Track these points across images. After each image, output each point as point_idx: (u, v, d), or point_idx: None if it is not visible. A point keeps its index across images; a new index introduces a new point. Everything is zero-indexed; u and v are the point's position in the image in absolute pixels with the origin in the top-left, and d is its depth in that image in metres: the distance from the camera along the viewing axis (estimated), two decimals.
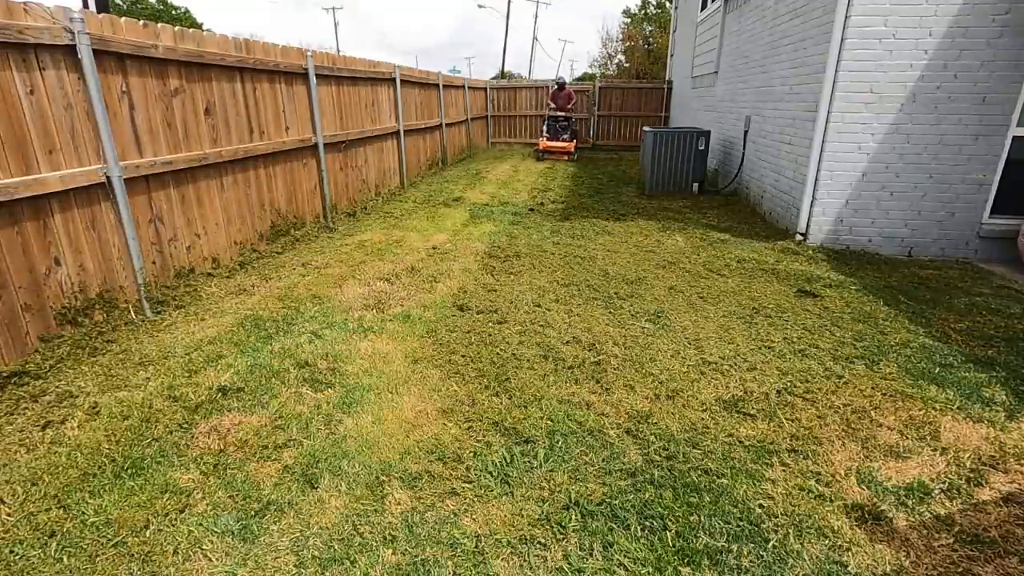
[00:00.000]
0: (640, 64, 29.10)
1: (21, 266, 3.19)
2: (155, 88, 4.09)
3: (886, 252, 5.68)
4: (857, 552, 1.96)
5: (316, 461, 2.42)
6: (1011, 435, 2.62)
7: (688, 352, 3.44)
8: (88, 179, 3.51)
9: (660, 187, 8.89)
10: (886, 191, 5.59)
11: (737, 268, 5.12)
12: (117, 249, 3.80)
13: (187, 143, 4.42)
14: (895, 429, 2.67)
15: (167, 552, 1.95)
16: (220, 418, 2.71)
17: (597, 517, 2.11)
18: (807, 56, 5.91)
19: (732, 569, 1.89)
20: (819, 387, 3.05)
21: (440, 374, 3.17)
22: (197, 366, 3.20)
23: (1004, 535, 2.04)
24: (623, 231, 6.49)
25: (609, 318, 3.93)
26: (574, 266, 5.12)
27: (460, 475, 2.35)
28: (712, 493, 2.24)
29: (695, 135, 8.58)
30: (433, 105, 11.15)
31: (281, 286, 4.54)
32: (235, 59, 4.90)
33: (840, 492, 2.25)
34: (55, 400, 2.85)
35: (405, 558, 1.93)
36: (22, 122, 3.16)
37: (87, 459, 2.40)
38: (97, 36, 3.52)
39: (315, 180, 6.48)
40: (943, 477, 2.34)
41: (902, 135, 5.40)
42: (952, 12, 5.03)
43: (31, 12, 3.16)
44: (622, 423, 2.71)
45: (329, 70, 6.64)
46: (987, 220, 5.49)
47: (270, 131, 5.55)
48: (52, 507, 2.13)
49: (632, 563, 1.91)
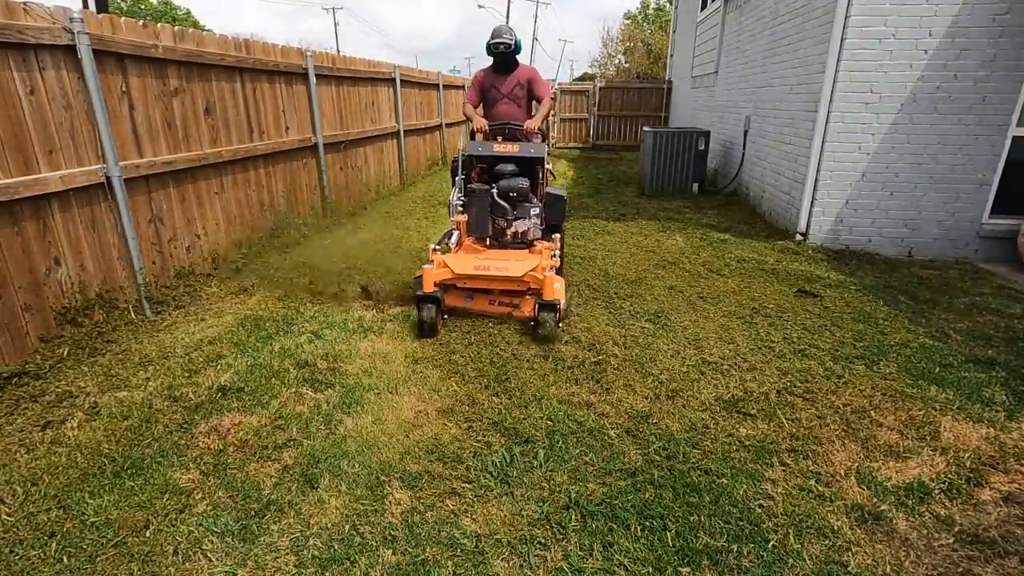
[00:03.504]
0: (640, 64, 29.10)
1: (21, 266, 3.18)
2: (155, 88, 4.09)
3: (886, 252, 5.68)
4: (857, 552, 1.96)
5: (316, 461, 2.42)
6: (1011, 435, 2.62)
7: (688, 352, 3.44)
8: (88, 179, 3.51)
9: (660, 187, 8.89)
10: (886, 191, 5.58)
11: (737, 268, 5.12)
12: (117, 249, 3.80)
13: (187, 143, 4.42)
14: (895, 429, 2.67)
15: (167, 552, 1.95)
16: (220, 418, 2.71)
17: (597, 517, 2.11)
18: (807, 56, 5.91)
19: (732, 569, 1.89)
20: (819, 387, 3.05)
21: (440, 374, 3.17)
22: (197, 366, 3.20)
23: (1004, 535, 2.04)
24: (623, 231, 6.49)
25: (609, 318, 3.93)
26: (574, 266, 5.11)
27: (460, 475, 2.35)
28: (712, 493, 2.24)
29: (695, 135, 8.58)
30: (433, 105, 11.15)
31: (281, 286, 4.54)
32: (235, 59, 4.89)
33: (840, 492, 2.25)
34: (55, 400, 2.85)
35: (405, 558, 1.93)
36: (22, 122, 3.16)
37: (87, 459, 2.40)
38: (97, 36, 3.51)
39: (315, 180, 6.48)
40: (943, 477, 2.34)
41: (902, 135, 5.40)
42: (952, 12, 5.03)
43: (31, 12, 3.16)
44: (622, 423, 2.71)
45: (329, 70, 6.64)
46: (987, 220, 5.49)
47: (270, 131, 5.55)
48: (52, 507, 2.13)
49: (632, 563, 1.91)
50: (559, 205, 4.26)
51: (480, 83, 4.49)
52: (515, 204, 4.13)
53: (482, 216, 4.08)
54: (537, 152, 4.11)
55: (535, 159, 4.22)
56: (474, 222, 4.10)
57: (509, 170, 4.13)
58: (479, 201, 4.06)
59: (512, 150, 4.08)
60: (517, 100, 4.40)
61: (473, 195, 4.06)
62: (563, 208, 4.29)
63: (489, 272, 3.62)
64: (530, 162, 4.25)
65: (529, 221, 4.16)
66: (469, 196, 4.08)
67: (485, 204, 4.08)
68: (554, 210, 4.26)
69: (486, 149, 4.12)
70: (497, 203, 4.08)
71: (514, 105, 4.40)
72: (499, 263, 3.68)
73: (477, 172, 4.44)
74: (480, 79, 4.50)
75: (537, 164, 4.29)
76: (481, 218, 4.09)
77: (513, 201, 4.11)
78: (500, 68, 4.41)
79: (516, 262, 3.70)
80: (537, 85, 4.40)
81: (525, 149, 4.09)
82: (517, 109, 4.40)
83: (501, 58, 4.34)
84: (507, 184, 4.06)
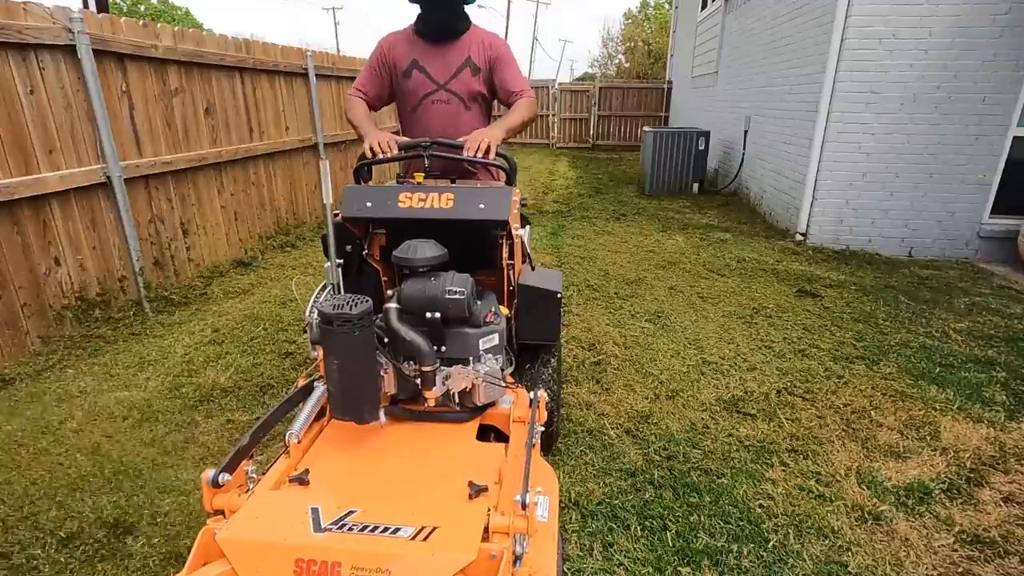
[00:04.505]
0: (640, 64, 29.12)
1: (21, 266, 3.19)
2: (155, 88, 4.09)
3: (886, 252, 5.68)
4: (857, 552, 1.96)
5: None
6: (1011, 435, 2.62)
7: (688, 352, 3.44)
8: (88, 179, 3.51)
9: (660, 187, 8.88)
10: (886, 191, 5.58)
11: (737, 268, 5.12)
12: (117, 249, 3.80)
13: (187, 143, 4.42)
14: (895, 429, 2.67)
15: (167, 552, 1.95)
16: (220, 418, 2.71)
17: (597, 517, 2.11)
18: (807, 56, 5.91)
19: (732, 569, 1.89)
20: (819, 387, 3.05)
21: None
22: (197, 366, 3.20)
23: (1004, 535, 2.04)
24: (623, 231, 6.49)
25: (609, 318, 3.93)
26: (574, 266, 5.11)
27: None
28: (712, 493, 2.24)
29: (695, 135, 8.58)
30: None
31: (281, 286, 4.54)
32: (235, 59, 4.90)
33: (840, 492, 2.25)
34: (55, 400, 2.85)
35: None
36: (22, 122, 3.16)
37: (87, 459, 2.39)
38: (97, 36, 3.52)
39: (315, 180, 6.48)
40: (943, 477, 2.34)
41: (902, 135, 5.40)
42: (952, 12, 5.03)
43: (31, 12, 3.16)
44: (622, 423, 2.71)
45: (329, 70, 6.65)
46: (987, 220, 5.49)
47: (270, 131, 5.55)
48: (52, 507, 2.13)
49: (632, 563, 1.91)
50: (545, 308, 2.09)
51: (386, 60, 2.36)
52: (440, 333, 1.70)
53: (356, 378, 1.47)
54: (491, 210, 1.80)
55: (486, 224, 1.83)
56: (338, 391, 1.48)
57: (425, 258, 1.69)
58: (347, 345, 1.41)
59: (438, 206, 1.81)
60: (464, 96, 2.35)
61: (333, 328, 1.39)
62: (553, 314, 2.10)
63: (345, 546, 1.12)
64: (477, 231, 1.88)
65: (475, 368, 1.69)
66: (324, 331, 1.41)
67: (364, 351, 1.46)
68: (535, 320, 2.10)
69: (380, 207, 1.84)
70: (399, 336, 1.59)
71: (457, 105, 2.35)
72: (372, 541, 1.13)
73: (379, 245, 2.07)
74: (385, 52, 2.36)
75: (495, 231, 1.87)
76: (355, 383, 1.47)
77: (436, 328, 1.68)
78: (431, 32, 2.32)
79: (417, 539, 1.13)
80: (504, 69, 2.35)
81: (465, 204, 1.81)
82: (463, 113, 2.37)
83: (433, 10, 2.26)
84: (419, 293, 1.66)
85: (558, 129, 16.02)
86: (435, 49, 2.31)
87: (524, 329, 2.12)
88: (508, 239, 1.95)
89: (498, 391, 1.75)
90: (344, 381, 1.47)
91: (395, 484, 1.39)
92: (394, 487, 1.38)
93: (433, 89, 2.33)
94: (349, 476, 1.43)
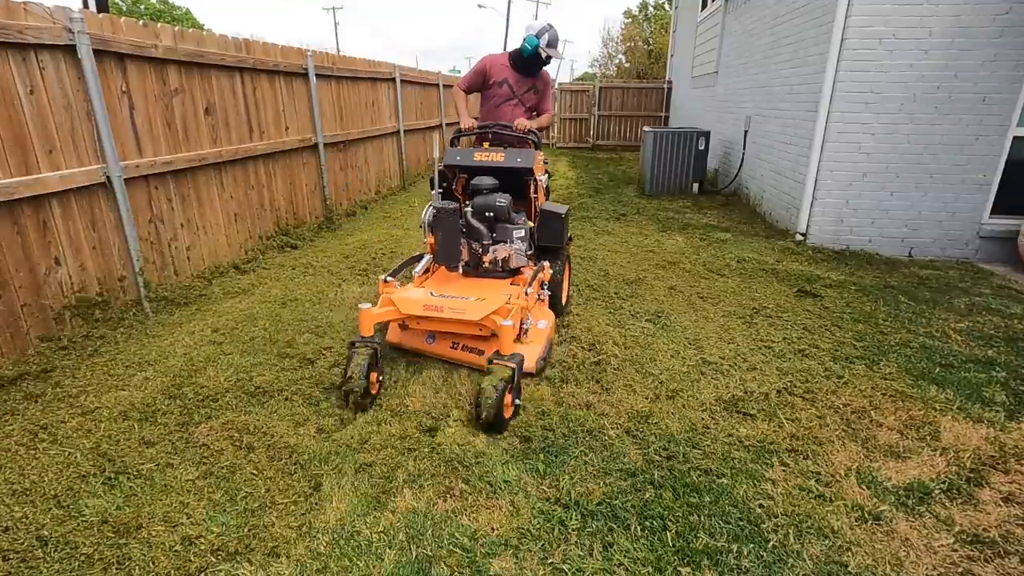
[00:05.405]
0: (640, 64, 29.11)
1: (21, 266, 3.18)
2: (155, 88, 4.09)
3: (886, 252, 5.68)
4: (857, 552, 1.96)
5: (318, 461, 2.42)
6: (1011, 435, 2.62)
7: (688, 352, 3.44)
8: (88, 179, 3.51)
9: (660, 187, 8.89)
10: (886, 191, 5.58)
11: (737, 268, 5.12)
12: (117, 249, 3.80)
13: (187, 143, 4.42)
14: (895, 429, 2.67)
15: (167, 553, 1.95)
16: (220, 418, 2.71)
17: (597, 517, 2.11)
18: (807, 56, 5.91)
19: (732, 569, 1.89)
20: (819, 387, 3.05)
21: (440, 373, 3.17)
22: (197, 366, 3.20)
23: (1004, 535, 2.04)
24: (623, 231, 6.49)
25: (609, 318, 3.93)
26: (574, 266, 5.11)
27: (460, 475, 2.35)
28: (712, 493, 2.24)
29: (695, 135, 8.58)
30: (433, 105, 11.15)
31: (281, 286, 4.54)
32: (235, 59, 4.89)
33: (840, 492, 2.25)
34: (54, 400, 2.85)
35: (406, 558, 1.93)
36: (22, 122, 3.16)
37: (86, 459, 2.40)
38: (97, 36, 3.52)
39: (315, 180, 6.48)
40: (943, 477, 2.34)
41: (902, 135, 5.40)
42: (952, 12, 5.03)
43: (31, 12, 3.16)
44: (622, 423, 2.71)
45: (329, 70, 6.64)
46: (987, 220, 5.49)
47: (270, 131, 5.54)
48: (52, 507, 2.13)
49: (632, 563, 1.91)
50: (555, 225, 3.48)
51: (486, 71, 3.82)
52: (493, 226, 3.38)
53: (451, 240, 3.30)
54: (524, 162, 3.42)
55: (521, 170, 3.47)
56: (441, 248, 3.33)
57: (487, 185, 3.38)
58: (446, 222, 3.26)
59: (495, 159, 3.43)
60: (524, 103, 3.91)
61: (440, 215, 3.26)
62: (561, 228, 3.49)
63: (442, 314, 2.88)
64: (516, 174, 3.49)
65: (511, 246, 3.36)
66: (435, 216, 3.28)
67: (455, 226, 3.29)
68: (549, 231, 3.51)
69: (465, 159, 3.51)
70: (472, 225, 3.33)
71: (519, 107, 3.89)
72: (457, 302, 2.94)
73: (461, 184, 3.71)
74: (488, 67, 3.81)
75: (526, 176, 3.53)
76: (450, 243, 3.31)
77: (490, 222, 3.36)
78: (524, 67, 3.78)
79: (478, 301, 2.95)
80: (544, 94, 3.96)
81: (510, 158, 3.44)
82: (519, 111, 3.91)
83: (535, 60, 3.73)
84: (482, 202, 3.33)
85: (558, 129, 16.01)
86: (520, 77, 3.85)
87: (542, 236, 3.55)
88: (534, 180, 3.57)
89: (524, 259, 3.42)
90: (442, 241, 3.27)
91: (466, 291, 3.12)
92: (466, 292, 3.11)
93: (510, 97, 3.88)
94: (445, 286, 3.24)
